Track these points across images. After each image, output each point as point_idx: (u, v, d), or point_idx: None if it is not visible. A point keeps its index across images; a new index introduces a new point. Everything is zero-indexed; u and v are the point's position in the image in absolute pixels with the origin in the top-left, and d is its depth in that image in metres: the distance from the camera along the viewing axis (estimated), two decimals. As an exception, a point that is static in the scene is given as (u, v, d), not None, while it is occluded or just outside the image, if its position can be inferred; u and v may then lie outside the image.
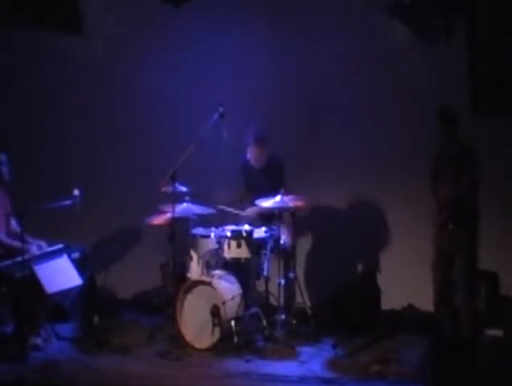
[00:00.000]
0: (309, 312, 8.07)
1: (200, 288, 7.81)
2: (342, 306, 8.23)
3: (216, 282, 7.80)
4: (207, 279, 7.85)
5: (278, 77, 8.88)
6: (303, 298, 8.19)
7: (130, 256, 9.19)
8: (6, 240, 7.86)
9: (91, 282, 8.13)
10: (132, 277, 9.01)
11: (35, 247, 7.81)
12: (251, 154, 8.33)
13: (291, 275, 8.12)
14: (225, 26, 8.88)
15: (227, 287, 7.86)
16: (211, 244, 8.08)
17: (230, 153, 8.50)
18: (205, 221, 8.27)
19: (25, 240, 7.68)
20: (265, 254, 7.99)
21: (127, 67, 9.13)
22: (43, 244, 7.89)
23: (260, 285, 8.07)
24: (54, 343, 7.79)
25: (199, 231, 8.18)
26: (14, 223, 8.02)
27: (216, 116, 7.93)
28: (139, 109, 9.14)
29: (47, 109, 9.26)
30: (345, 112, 8.82)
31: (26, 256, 7.58)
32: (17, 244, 7.74)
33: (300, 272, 8.69)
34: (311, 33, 8.76)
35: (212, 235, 8.07)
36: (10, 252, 7.74)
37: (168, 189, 7.86)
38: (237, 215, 8.24)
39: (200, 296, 7.79)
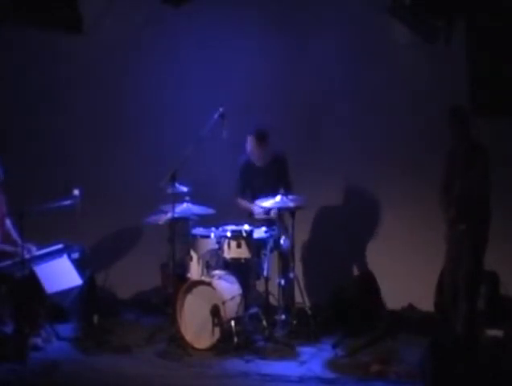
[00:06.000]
0: (309, 312, 8.06)
1: (200, 288, 7.81)
2: (342, 306, 8.23)
3: (216, 282, 7.80)
4: (207, 279, 7.85)
5: (278, 77, 8.89)
6: (302, 298, 8.18)
7: (130, 256, 9.19)
8: None
9: (91, 282, 8.12)
10: (132, 277, 9.02)
11: (26, 250, 7.64)
12: (249, 147, 8.26)
13: (291, 275, 8.12)
14: (225, 26, 8.89)
15: (227, 287, 7.86)
16: (211, 244, 8.07)
17: (230, 153, 8.51)
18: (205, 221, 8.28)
19: (17, 243, 7.69)
20: (265, 254, 7.98)
21: (127, 67, 9.14)
22: (33, 248, 7.82)
23: (260, 285, 8.06)
24: (54, 343, 7.79)
25: (199, 231, 8.18)
26: (8, 223, 8.02)
27: (216, 116, 7.93)
28: (139, 109, 9.15)
29: (47, 109, 9.26)
30: (345, 112, 8.83)
31: (26, 257, 7.58)
32: (9, 248, 7.76)
33: (300, 272, 8.70)
34: (310, 33, 8.77)
35: (212, 235, 8.06)
36: (3, 255, 7.74)
37: (168, 189, 7.86)
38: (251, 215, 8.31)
39: (200, 296, 7.79)
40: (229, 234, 7.96)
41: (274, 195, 7.97)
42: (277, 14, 8.81)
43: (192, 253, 8.09)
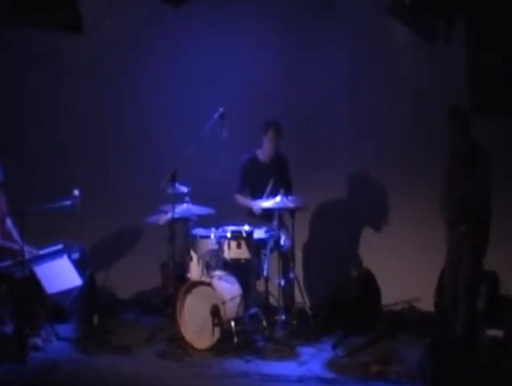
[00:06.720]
0: (309, 312, 8.07)
1: (200, 288, 7.81)
2: (342, 306, 8.23)
3: (216, 283, 7.80)
4: (207, 279, 7.85)
5: (277, 77, 8.89)
6: (303, 298, 8.18)
7: (130, 256, 9.19)
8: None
9: (91, 282, 8.12)
10: (132, 277, 9.02)
11: (26, 251, 7.64)
12: (267, 142, 8.32)
13: (291, 275, 8.12)
14: (225, 27, 8.89)
15: (227, 287, 7.86)
16: (211, 244, 8.07)
17: (230, 153, 8.51)
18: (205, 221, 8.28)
19: (18, 242, 7.68)
20: (265, 254, 7.98)
21: (127, 67, 9.14)
22: (34, 251, 7.79)
23: (260, 285, 8.07)
24: (54, 343, 7.79)
25: (199, 231, 8.18)
26: (9, 223, 8.01)
27: (216, 116, 7.94)
28: (139, 109, 9.15)
29: (47, 109, 9.26)
30: (345, 111, 8.83)
31: (26, 257, 7.58)
32: (9, 244, 7.75)
33: (300, 272, 8.69)
34: (310, 34, 8.78)
35: (212, 235, 8.06)
36: (5, 254, 7.74)
37: (168, 189, 7.86)
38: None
39: (200, 296, 7.79)
40: (229, 234, 7.96)
41: (274, 194, 7.98)
42: (277, 16, 8.81)
43: (192, 253, 8.09)
